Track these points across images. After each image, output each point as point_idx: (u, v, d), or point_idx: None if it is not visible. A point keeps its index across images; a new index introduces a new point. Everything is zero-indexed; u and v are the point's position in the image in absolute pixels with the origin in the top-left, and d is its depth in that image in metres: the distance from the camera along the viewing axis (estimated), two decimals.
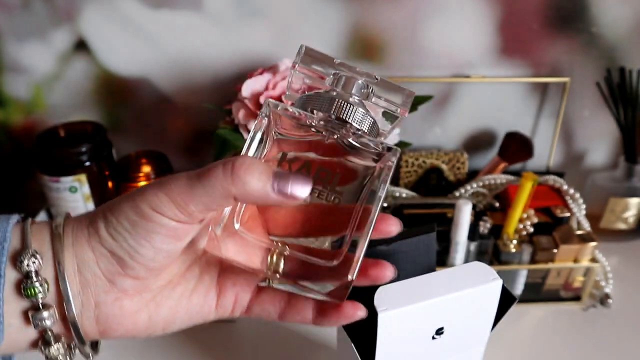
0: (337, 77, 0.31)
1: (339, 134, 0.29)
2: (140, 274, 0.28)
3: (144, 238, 0.27)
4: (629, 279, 0.66)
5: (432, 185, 0.72)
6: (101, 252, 0.28)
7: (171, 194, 0.27)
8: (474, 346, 0.40)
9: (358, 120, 0.29)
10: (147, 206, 0.27)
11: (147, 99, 0.71)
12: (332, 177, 0.29)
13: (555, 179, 0.66)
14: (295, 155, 0.29)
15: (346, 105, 0.29)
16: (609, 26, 0.67)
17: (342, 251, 0.28)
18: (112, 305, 0.29)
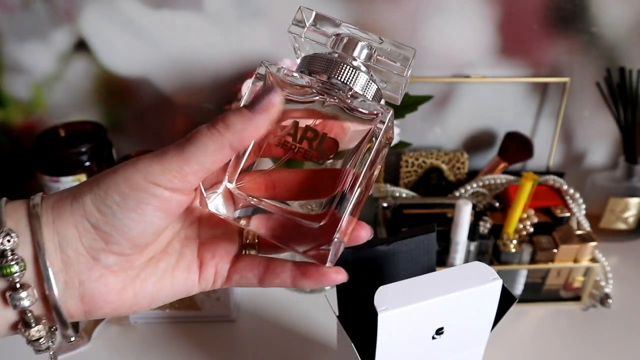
0: (338, 38, 0.30)
1: (337, 97, 0.28)
2: (125, 250, 0.28)
3: (135, 211, 0.27)
4: (629, 279, 0.66)
5: (432, 185, 0.72)
6: (85, 227, 0.27)
7: (164, 161, 0.26)
8: (474, 346, 0.40)
9: (361, 86, 0.29)
10: (140, 177, 0.26)
11: (147, 99, 0.71)
12: (319, 138, 0.28)
13: (555, 179, 0.66)
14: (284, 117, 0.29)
15: (347, 67, 0.28)
16: (609, 26, 0.67)
17: (327, 213, 0.28)
18: (97, 283, 0.28)
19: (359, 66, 0.29)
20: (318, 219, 0.28)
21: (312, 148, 0.28)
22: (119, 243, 0.27)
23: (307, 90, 0.29)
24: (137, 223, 0.27)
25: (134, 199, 0.27)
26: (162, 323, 0.60)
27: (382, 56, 0.30)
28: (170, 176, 0.26)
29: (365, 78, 0.29)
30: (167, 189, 0.27)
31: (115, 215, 0.27)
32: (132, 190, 0.26)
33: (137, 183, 0.26)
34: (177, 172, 0.27)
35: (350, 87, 0.29)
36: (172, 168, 0.26)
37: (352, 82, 0.29)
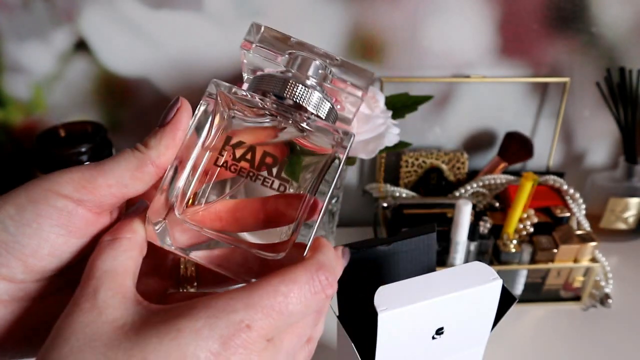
0: (292, 57, 0.29)
1: (292, 119, 0.27)
2: (16, 274, 0.24)
3: (29, 224, 0.23)
4: (629, 279, 0.66)
5: (432, 185, 0.72)
6: None
7: (74, 171, 0.25)
8: (474, 346, 0.40)
9: (314, 105, 0.28)
10: (43, 187, 0.24)
11: (147, 99, 0.71)
12: (278, 164, 0.27)
13: (555, 179, 0.66)
14: (239, 139, 0.27)
15: (301, 88, 0.27)
16: (608, 26, 0.67)
17: (287, 242, 0.26)
18: None
19: (313, 85, 0.28)
20: (278, 250, 0.26)
21: (271, 175, 0.27)
22: (9, 265, 0.23)
23: (260, 112, 0.28)
24: (30, 239, 0.23)
25: (30, 211, 0.23)
26: None
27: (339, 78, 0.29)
28: (78, 185, 0.24)
29: (319, 96, 0.28)
30: (72, 201, 0.24)
31: (8, 230, 0.23)
32: (30, 202, 0.24)
33: (37, 194, 0.24)
34: (86, 182, 0.24)
35: (304, 106, 0.27)
36: (82, 177, 0.24)
37: (305, 101, 0.27)
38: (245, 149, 0.27)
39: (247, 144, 0.27)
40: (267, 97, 0.28)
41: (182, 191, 0.27)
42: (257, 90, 0.28)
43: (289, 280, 0.23)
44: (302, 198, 0.27)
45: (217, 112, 0.28)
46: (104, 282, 0.22)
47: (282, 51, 0.29)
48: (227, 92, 0.28)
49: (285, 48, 0.29)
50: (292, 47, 0.29)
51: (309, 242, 0.26)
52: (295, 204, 0.27)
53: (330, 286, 0.24)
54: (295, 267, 0.24)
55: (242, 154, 0.27)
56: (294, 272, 0.24)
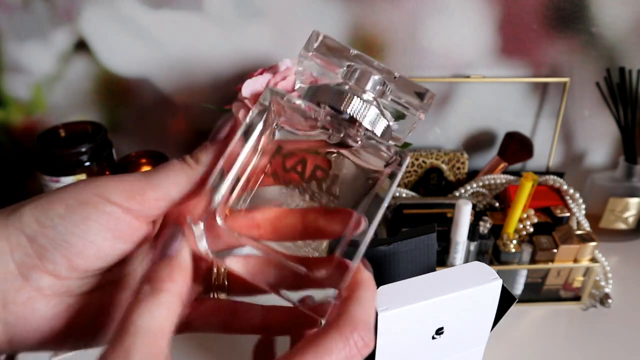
0: (351, 69, 0.28)
1: (345, 133, 0.26)
2: (61, 271, 0.25)
3: (78, 226, 0.24)
4: (629, 279, 0.66)
5: (432, 185, 0.72)
6: (19, 240, 0.24)
7: (124, 182, 0.25)
8: (474, 346, 0.40)
9: (370, 120, 0.26)
10: (92, 192, 0.24)
11: (147, 99, 0.71)
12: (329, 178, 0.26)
13: (555, 179, 0.66)
14: (291, 150, 0.26)
15: (359, 102, 0.26)
16: (608, 26, 0.67)
17: (332, 260, 0.25)
18: (23, 306, 0.24)
19: (370, 100, 0.27)
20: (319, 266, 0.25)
21: (321, 190, 0.26)
22: (55, 261, 0.24)
23: (311, 124, 0.27)
24: (79, 239, 0.24)
25: (79, 213, 0.24)
26: None
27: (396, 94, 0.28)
28: (129, 195, 0.25)
29: (376, 112, 0.27)
30: (120, 208, 0.25)
31: (56, 228, 0.24)
32: (80, 205, 0.24)
33: (86, 197, 0.24)
34: (136, 194, 0.25)
35: (359, 121, 0.26)
36: (133, 188, 0.25)
37: (360, 115, 0.26)
38: (296, 160, 0.26)
39: (298, 155, 0.26)
40: (322, 108, 0.27)
41: (225, 197, 0.26)
42: (312, 101, 0.27)
43: (323, 352, 0.22)
44: (349, 214, 0.25)
45: (268, 119, 0.27)
46: (138, 342, 0.22)
47: (340, 63, 0.28)
48: (281, 99, 0.26)
49: (344, 60, 0.28)
50: (351, 59, 0.28)
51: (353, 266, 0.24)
52: (339, 220, 0.26)
53: (366, 346, 0.24)
54: (329, 334, 0.23)
55: (292, 165, 0.26)
56: (328, 341, 0.23)
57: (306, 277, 0.25)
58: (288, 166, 0.26)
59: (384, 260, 0.41)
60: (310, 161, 0.26)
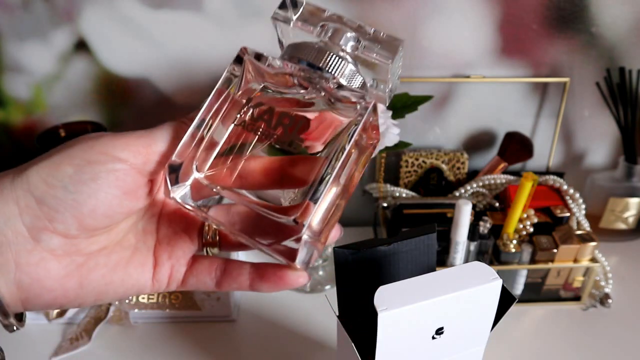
0: (325, 28, 0.28)
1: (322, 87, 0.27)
2: (71, 230, 0.25)
3: (88, 185, 0.24)
4: (629, 279, 0.66)
5: (432, 185, 0.72)
6: (27, 202, 0.24)
7: (129, 138, 0.25)
8: (474, 346, 0.40)
9: (347, 76, 0.27)
10: (100, 149, 0.25)
11: (147, 99, 0.71)
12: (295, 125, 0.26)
13: (555, 179, 0.66)
14: (260, 100, 0.27)
15: (334, 58, 0.27)
16: (608, 26, 0.67)
17: (300, 205, 0.25)
18: (36, 267, 0.25)
19: (345, 57, 0.28)
20: (291, 212, 0.25)
21: (287, 134, 0.26)
22: (65, 221, 0.25)
23: (288, 79, 0.28)
24: (89, 198, 0.25)
25: (89, 172, 0.24)
26: (162, 323, 0.60)
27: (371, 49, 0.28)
28: (135, 151, 0.25)
29: (351, 69, 0.28)
30: (128, 164, 0.25)
31: (67, 188, 0.24)
32: (89, 164, 0.25)
33: (94, 156, 0.25)
34: (142, 148, 0.25)
35: (335, 76, 0.27)
36: (138, 144, 0.25)
37: (337, 71, 0.27)
38: (265, 110, 0.27)
39: (266, 106, 0.27)
40: (298, 65, 0.27)
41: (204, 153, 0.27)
42: (289, 58, 0.28)
43: None
44: (317, 160, 0.26)
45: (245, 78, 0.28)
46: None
47: (315, 24, 0.29)
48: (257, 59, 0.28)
49: (318, 21, 0.29)
50: (325, 20, 0.29)
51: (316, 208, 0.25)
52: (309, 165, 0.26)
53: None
54: None
55: (260, 114, 0.27)
56: None
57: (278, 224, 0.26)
58: (256, 115, 0.27)
59: (384, 260, 0.41)
60: (277, 110, 0.27)
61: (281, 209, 0.26)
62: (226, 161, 0.28)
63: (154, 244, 0.30)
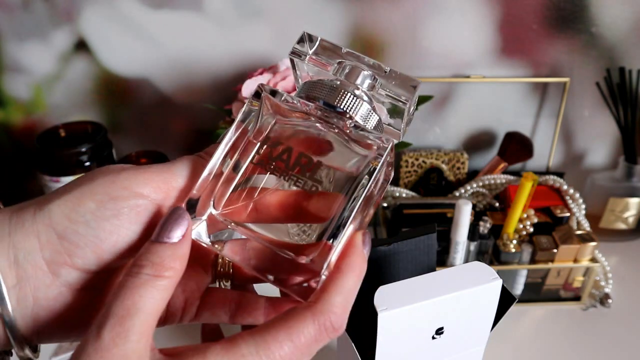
0: (341, 65, 0.29)
1: (337, 126, 0.27)
2: (90, 266, 0.25)
3: (110, 221, 0.24)
4: (629, 279, 0.66)
5: (432, 185, 0.72)
6: (49, 237, 0.24)
7: (149, 173, 0.26)
8: (474, 346, 0.40)
9: (362, 115, 0.28)
10: (120, 185, 0.25)
11: (147, 99, 0.71)
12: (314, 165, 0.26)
13: (555, 179, 0.66)
14: (278, 140, 0.27)
15: (350, 96, 0.27)
16: (608, 26, 0.67)
17: (317, 246, 0.25)
18: (53, 301, 0.25)
19: (362, 95, 0.28)
20: (308, 252, 0.26)
21: (304, 175, 0.26)
22: (85, 256, 0.25)
23: (305, 117, 0.28)
24: (110, 235, 0.25)
25: (111, 208, 0.25)
26: None
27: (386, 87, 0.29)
28: (155, 187, 0.25)
29: (367, 108, 0.28)
30: (149, 200, 0.25)
31: (89, 224, 0.24)
32: (111, 199, 0.25)
33: (116, 191, 0.25)
34: (162, 183, 0.26)
35: (351, 115, 0.27)
36: (158, 179, 0.26)
37: (353, 110, 0.28)
38: (283, 149, 0.27)
39: (284, 144, 0.27)
40: (314, 103, 0.28)
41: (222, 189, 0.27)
42: (305, 96, 0.28)
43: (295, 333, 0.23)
44: (334, 198, 0.26)
45: (261, 114, 0.28)
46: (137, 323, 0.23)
47: (332, 60, 0.29)
48: (273, 95, 0.28)
49: (336, 57, 0.29)
50: (342, 57, 0.29)
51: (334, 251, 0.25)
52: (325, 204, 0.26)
53: (336, 331, 0.25)
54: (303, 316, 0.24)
55: (278, 154, 0.27)
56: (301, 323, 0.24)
57: (294, 262, 0.26)
58: (274, 155, 0.27)
59: (384, 260, 0.41)
60: (295, 150, 0.27)
61: (297, 247, 0.26)
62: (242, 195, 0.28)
63: None
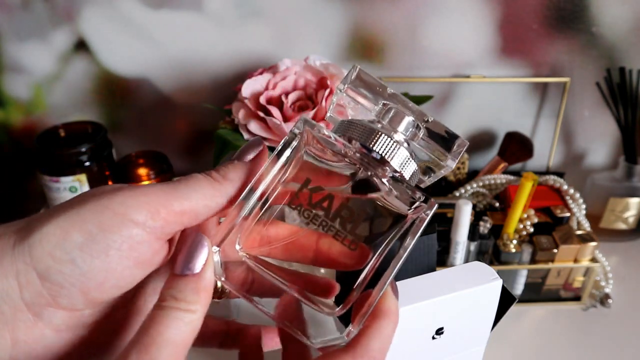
0: (386, 107, 0.27)
1: (373, 172, 0.26)
2: (77, 305, 0.23)
3: (98, 256, 0.22)
4: (629, 279, 0.66)
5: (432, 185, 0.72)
6: (29, 278, 0.22)
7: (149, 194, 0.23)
8: (474, 346, 0.40)
9: (399, 163, 0.26)
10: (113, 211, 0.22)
11: (147, 99, 0.71)
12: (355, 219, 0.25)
13: (555, 179, 0.66)
14: (320, 185, 0.26)
15: (390, 142, 0.26)
16: (609, 26, 0.67)
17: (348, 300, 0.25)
18: (34, 345, 0.23)
19: (402, 142, 0.27)
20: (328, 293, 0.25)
21: (345, 230, 0.25)
22: (71, 296, 0.22)
23: (339, 157, 0.26)
24: (99, 272, 0.22)
25: (101, 241, 0.22)
26: None
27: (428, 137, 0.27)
28: (153, 210, 0.23)
29: (406, 154, 0.26)
30: (144, 230, 0.23)
31: (75, 262, 0.22)
32: (101, 231, 0.22)
33: (108, 220, 0.22)
34: (161, 207, 0.23)
35: (388, 161, 0.26)
36: (157, 201, 0.23)
37: (390, 156, 0.26)
38: (323, 196, 0.25)
39: (325, 191, 0.25)
40: (352, 145, 0.26)
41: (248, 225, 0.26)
42: (344, 136, 0.27)
43: None
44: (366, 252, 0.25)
45: (299, 147, 0.26)
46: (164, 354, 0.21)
47: (376, 100, 0.28)
48: (312, 129, 0.26)
49: (379, 98, 0.28)
50: (386, 98, 0.28)
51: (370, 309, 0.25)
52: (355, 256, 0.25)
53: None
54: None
55: (318, 201, 0.25)
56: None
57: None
58: (314, 201, 0.25)
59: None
60: (337, 199, 0.25)
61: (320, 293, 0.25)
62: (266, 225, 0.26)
63: None
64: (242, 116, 0.57)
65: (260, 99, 0.56)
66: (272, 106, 0.55)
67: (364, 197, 0.26)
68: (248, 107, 0.57)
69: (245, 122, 0.56)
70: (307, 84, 0.58)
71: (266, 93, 0.57)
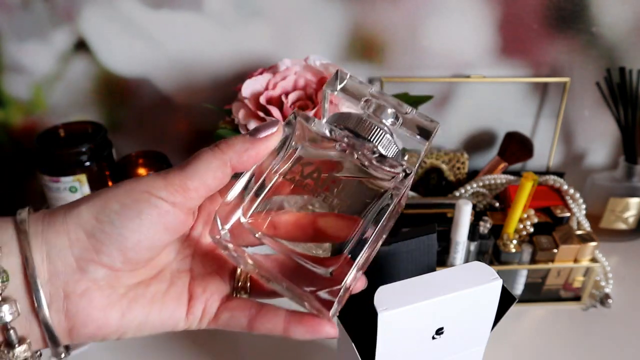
0: (368, 103, 0.32)
1: (361, 154, 0.30)
2: (115, 263, 0.27)
3: (133, 220, 0.27)
4: (629, 279, 0.66)
5: (432, 185, 0.72)
6: (77, 235, 0.27)
7: (167, 177, 0.28)
8: (474, 346, 0.40)
9: (384, 144, 0.31)
10: (142, 189, 0.27)
11: (147, 99, 0.71)
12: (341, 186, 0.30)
13: (555, 179, 0.66)
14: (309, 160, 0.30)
15: (375, 127, 0.31)
16: (609, 26, 0.67)
17: (339, 258, 0.28)
18: (81, 297, 0.27)
19: (385, 128, 0.31)
20: (328, 264, 0.28)
21: (332, 194, 0.29)
22: (111, 254, 0.27)
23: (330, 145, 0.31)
24: (134, 233, 0.27)
25: (134, 208, 0.27)
26: None
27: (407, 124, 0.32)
28: (173, 190, 0.27)
29: (389, 139, 0.31)
30: (168, 202, 0.27)
31: (113, 224, 0.27)
32: (133, 201, 0.27)
33: (137, 195, 0.27)
34: (179, 187, 0.27)
35: (375, 144, 0.30)
36: (174, 183, 0.27)
37: (377, 140, 0.31)
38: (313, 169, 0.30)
39: (314, 165, 0.30)
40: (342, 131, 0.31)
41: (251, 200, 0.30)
42: (333, 125, 0.32)
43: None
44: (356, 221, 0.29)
45: (294, 139, 0.31)
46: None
47: (360, 98, 0.32)
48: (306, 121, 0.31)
49: (362, 95, 0.32)
50: (369, 95, 0.32)
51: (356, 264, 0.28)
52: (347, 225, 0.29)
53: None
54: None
55: (309, 172, 0.30)
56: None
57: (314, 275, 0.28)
58: (305, 173, 0.30)
59: (384, 260, 0.41)
60: (324, 170, 0.30)
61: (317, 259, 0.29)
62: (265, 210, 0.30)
63: (188, 280, 0.31)
64: (242, 116, 0.57)
65: (260, 99, 0.56)
66: (272, 106, 0.55)
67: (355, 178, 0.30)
68: (248, 107, 0.57)
69: (245, 122, 0.56)
70: (307, 84, 0.58)
71: (266, 93, 0.57)
